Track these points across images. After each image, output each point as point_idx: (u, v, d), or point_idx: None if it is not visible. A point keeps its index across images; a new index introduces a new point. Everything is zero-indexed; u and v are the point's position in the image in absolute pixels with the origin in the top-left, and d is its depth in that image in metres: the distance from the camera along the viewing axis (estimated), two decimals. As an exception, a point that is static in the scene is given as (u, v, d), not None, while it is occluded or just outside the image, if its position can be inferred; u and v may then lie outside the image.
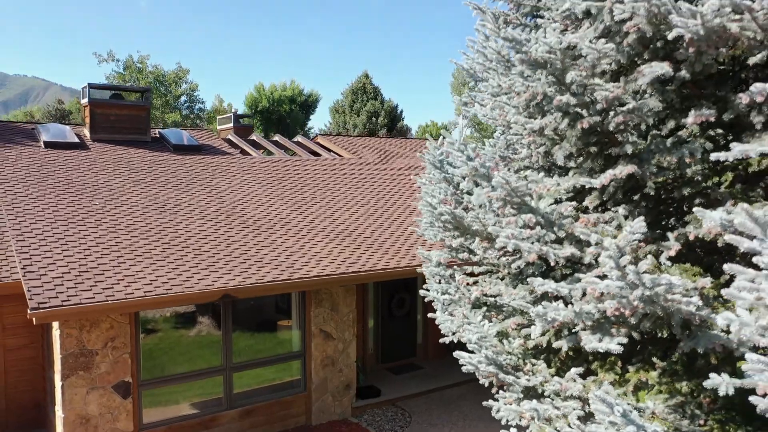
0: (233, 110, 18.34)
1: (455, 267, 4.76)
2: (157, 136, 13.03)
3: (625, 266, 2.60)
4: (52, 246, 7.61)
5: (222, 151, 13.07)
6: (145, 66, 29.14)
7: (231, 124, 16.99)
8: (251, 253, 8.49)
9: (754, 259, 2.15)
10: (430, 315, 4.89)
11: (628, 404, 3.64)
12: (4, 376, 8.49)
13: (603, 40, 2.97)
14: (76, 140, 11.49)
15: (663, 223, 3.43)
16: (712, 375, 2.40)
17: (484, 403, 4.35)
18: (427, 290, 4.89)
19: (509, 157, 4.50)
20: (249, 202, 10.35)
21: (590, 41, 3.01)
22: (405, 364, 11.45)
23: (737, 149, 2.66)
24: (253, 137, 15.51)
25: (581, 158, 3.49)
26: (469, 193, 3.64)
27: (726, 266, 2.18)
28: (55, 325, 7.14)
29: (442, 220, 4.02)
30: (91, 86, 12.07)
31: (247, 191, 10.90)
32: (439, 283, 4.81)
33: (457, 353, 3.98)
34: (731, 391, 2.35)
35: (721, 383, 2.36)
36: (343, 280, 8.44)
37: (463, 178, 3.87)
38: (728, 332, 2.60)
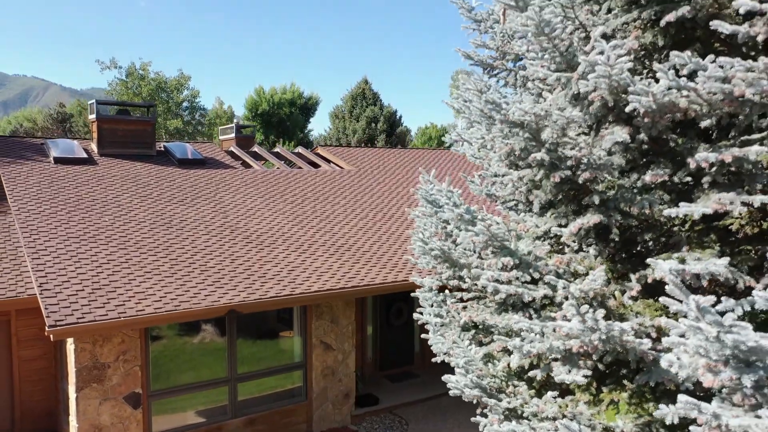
0: (235, 121, 18.72)
1: (446, 292, 5.16)
2: (162, 149, 13.41)
3: (585, 313, 2.98)
4: (66, 263, 7.99)
5: (225, 164, 13.45)
6: (147, 73, 29.53)
7: (233, 135, 17.39)
8: (255, 269, 8.88)
9: (680, 320, 2.52)
10: (423, 336, 5.28)
11: (600, 423, 4.03)
12: (18, 386, 8.88)
13: (570, 108, 3.35)
14: (84, 155, 11.87)
15: (629, 264, 3.83)
16: (661, 406, 2.78)
17: (473, 419, 4.73)
18: (421, 313, 5.29)
19: (494, 194, 4.90)
20: (252, 217, 10.74)
21: (559, 108, 3.40)
22: (403, 372, 11.83)
23: (683, 208, 3.05)
24: (255, 149, 15.90)
25: (556, 204, 3.89)
26: (459, 228, 4.05)
27: (662, 320, 2.55)
28: (70, 339, 7.52)
29: (432, 255, 4.43)
30: (98, 102, 12.46)
31: (250, 205, 11.29)
32: (432, 306, 5.21)
33: (445, 377, 4.38)
34: (676, 420, 2.74)
35: (668, 413, 2.74)
36: (342, 295, 8.83)
37: (450, 222, 4.28)
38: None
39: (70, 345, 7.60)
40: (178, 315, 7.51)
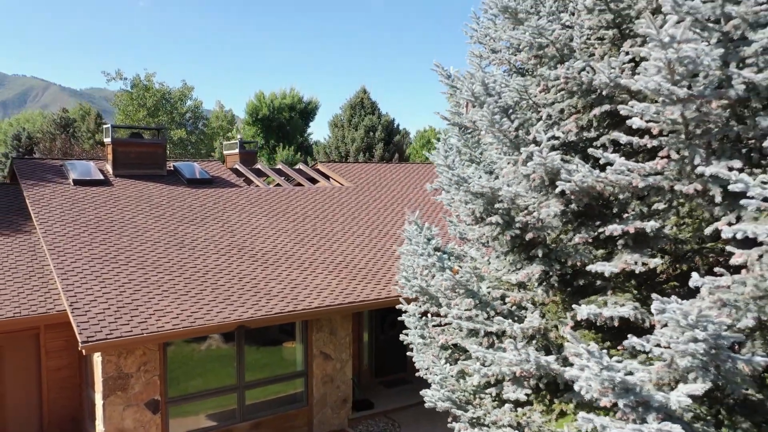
0: (238, 137, 19.65)
1: (428, 316, 6.06)
2: (172, 169, 14.32)
3: (520, 348, 3.88)
4: (92, 284, 8.90)
5: (231, 183, 14.36)
6: (152, 84, 30.43)
7: (237, 150, 18.37)
8: (261, 286, 9.79)
9: (574, 360, 3.40)
10: (408, 354, 6.19)
11: (549, 429, 4.95)
12: (47, 394, 9.78)
13: (516, 186, 4.26)
14: (101, 177, 12.78)
15: (569, 303, 4.71)
16: (582, 414, 3.67)
17: (449, 425, 5.63)
18: (407, 334, 6.19)
19: (466, 237, 5.80)
20: (257, 236, 11.65)
21: (508, 185, 4.31)
22: (397, 379, 12.74)
23: (598, 266, 3.94)
24: (258, 166, 16.81)
25: (510, 254, 4.79)
26: (432, 274, 4.95)
27: (568, 360, 3.43)
28: (98, 353, 8.43)
29: (413, 290, 5.33)
30: (113, 127, 13.37)
31: (255, 224, 12.20)
32: (416, 329, 6.10)
33: (422, 392, 5.29)
34: (590, 428, 3.61)
35: (582, 424, 3.62)
36: (340, 311, 9.75)
37: (426, 267, 5.19)
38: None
39: (97, 357, 8.50)
40: (193, 331, 8.43)
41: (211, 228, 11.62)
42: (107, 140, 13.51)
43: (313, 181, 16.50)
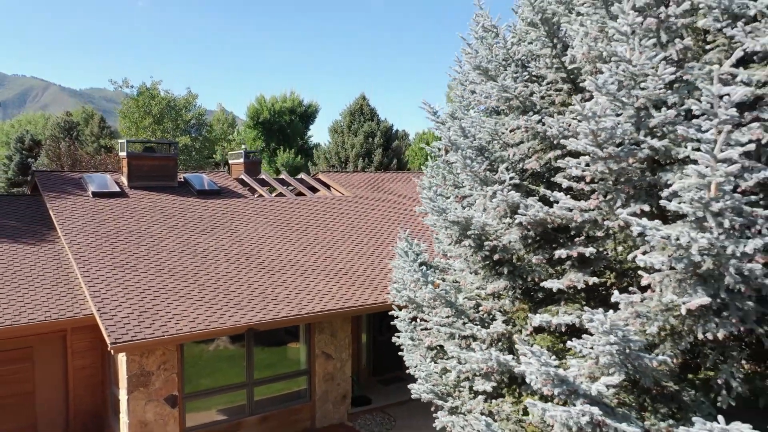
0: (243, 147, 20.59)
1: (417, 321, 6.99)
2: (183, 180, 15.27)
3: (485, 349, 4.79)
4: (116, 290, 9.84)
5: (237, 194, 15.30)
6: (158, 92, 31.38)
7: (242, 160, 19.29)
8: (268, 292, 10.73)
9: (522, 358, 4.30)
10: (400, 353, 7.13)
11: (516, 416, 5.88)
12: (73, 391, 10.73)
13: (485, 216, 5.19)
14: (117, 189, 13.73)
15: (530, 311, 5.64)
16: (530, 401, 4.59)
17: (434, 415, 6.56)
18: (398, 337, 7.12)
19: (448, 254, 6.74)
20: (264, 245, 12.59)
21: (479, 215, 5.24)
22: (393, 377, 13.68)
23: (549, 283, 4.89)
24: (263, 176, 17.76)
25: (481, 271, 5.72)
26: (417, 287, 5.89)
27: (518, 346, 4.36)
28: (122, 353, 9.36)
29: (403, 300, 6.27)
30: (128, 142, 14.32)
31: (261, 233, 13.14)
32: (406, 332, 7.03)
33: (409, 386, 6.22)
34: (539, 413, 4.53)
35: (534, 410, 4.53)
36: (341, 314, 10.69)
37: (413, 281, 6.12)
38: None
39: (121, 357, 9.44)
40: (208, 333, 9.37)
41: (221, 237, 12.56)
42: (122, 154, 14.45)
43: (314, 189, 17.45)
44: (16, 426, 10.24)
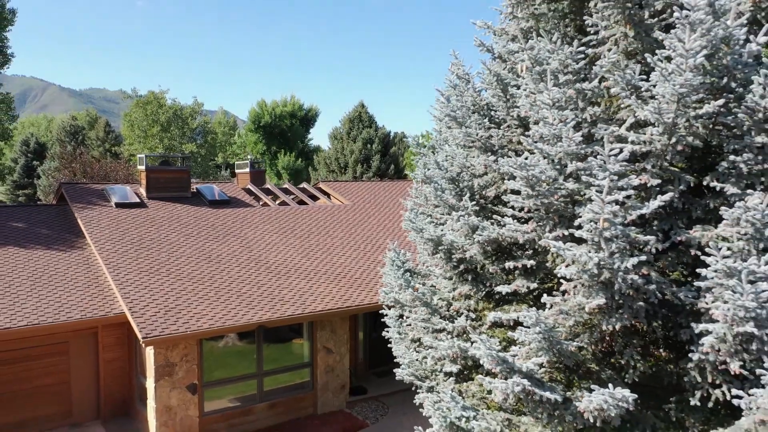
0: (249, 158, 22.01)
1: (403, 317, 8.39)
2: (195, 191, 16.69)
3: (449, 339, 6.19)
4: (143, 292, 11.26)
5: (245, 203, 16.72)
6: (165, 101, 32.81)
7: (248, 170, 20.67)
8: (275, 294, 12.15)
9: (474, 345, 5.71)
10: (389, 345, 8.55)
11: (482, 395, 7.28)
12: (103, 380, 12.15)
13: (453, 235, 6.59)
14: (137, 200, 15.15)
15: (490, 309, 7.04)
16: (480, 377, 6.00)
17: (415, 395, 7.99)
18: (387, 332, 8.53)
19: (428, 261, 8.17)
20: (270, 251, 14.01)
21: (448, 234, 6.63)
22: (387, 370, 15.07)
23: (500, 288, 6.29)
24: (268, 185, 19.17)
25: (451, 277, 7.12)
26: (401, 290, 7.31)
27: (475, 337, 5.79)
28: (150, 346, 10.78)
29: (391, 300, 7.69)
30: (147, 156, 15.75)
31: (268, 240, 14.56)
32: (394, 327, 8.44)
33: (395, 369, 7.64)
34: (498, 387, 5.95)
35: (484, 381, 5.93)
36: (340, 313, 12.11)
37: (398, 285, 7.53)
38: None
39: (149, 350, 10.85)
40: (224, 329, 10.79)
41: (232, 244, 13.98)
42: (141, 167, 15.88)
43: (315, 198, 18.86)
44: (56, 410, 11.67)
